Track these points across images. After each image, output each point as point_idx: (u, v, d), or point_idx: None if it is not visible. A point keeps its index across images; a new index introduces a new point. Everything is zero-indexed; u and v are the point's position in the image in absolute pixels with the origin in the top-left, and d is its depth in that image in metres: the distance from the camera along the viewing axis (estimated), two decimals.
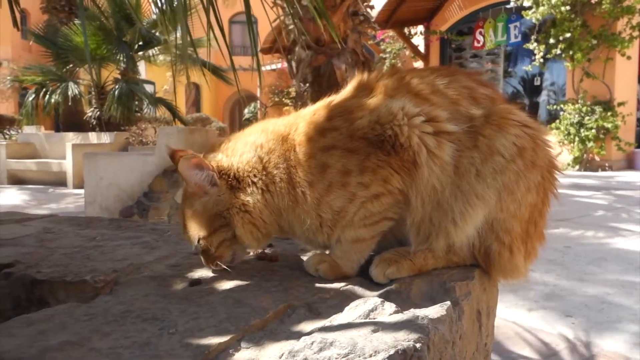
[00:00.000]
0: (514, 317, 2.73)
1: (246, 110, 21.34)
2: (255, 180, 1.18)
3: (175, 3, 1.75)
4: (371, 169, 1.13)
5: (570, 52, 10.79)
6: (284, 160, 1.18)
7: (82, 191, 6.36)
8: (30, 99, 12.22)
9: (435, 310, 0.92)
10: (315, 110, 1.25)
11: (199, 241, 1.21)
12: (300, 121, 1.23)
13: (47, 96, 11.75)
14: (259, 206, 1.17)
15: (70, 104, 11.62)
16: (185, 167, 1.17)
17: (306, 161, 1.16)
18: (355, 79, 1.29)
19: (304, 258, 1.31)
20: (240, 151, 1.23)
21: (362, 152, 1.13)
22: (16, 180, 10.19)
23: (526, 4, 10.83)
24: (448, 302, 0.98)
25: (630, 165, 11.60)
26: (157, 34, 11.70)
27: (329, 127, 1.17)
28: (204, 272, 1.26)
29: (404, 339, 0.81)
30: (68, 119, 12.61)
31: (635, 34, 10.59)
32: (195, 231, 1.21)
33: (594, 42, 10.64)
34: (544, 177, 1.17)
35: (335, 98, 1.28)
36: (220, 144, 1.30)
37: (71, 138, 10.49)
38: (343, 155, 1.14)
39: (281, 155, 1.19)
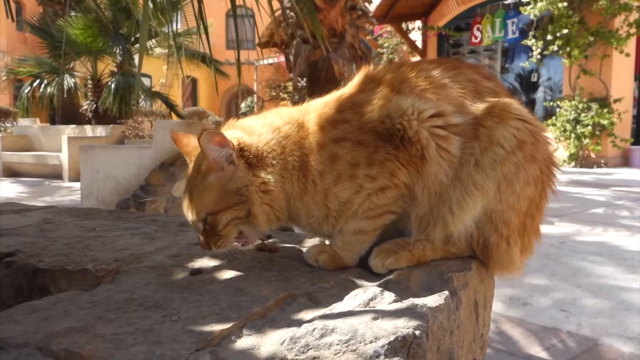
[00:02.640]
0: (509, 310, 2.76)
1: (243, 104, 21.32)
2: (273, 162, 1.18)
3: None
4: (379, 161, 1.14)
5: (568, 49, 10.82)
6: (299, 147, 1.18)
7: (77, 184, 6.35)
8: (26, 91, 12.17)
9: (434, 300, 0.94)
10: (326, 102, 1.26)
11: (206, 217, 1.18)
12: (312, 111, 1.24)
13: (43, 88, 11.71)
14: (278, 187, 1.17)
15: (66, 96, 11.58)
16: (207, 140, 1.13)
17: (318, 151, 1.16)
18: (362, 72, 1.30)
19: (304, 249, 1.33)
20: (259, 131, 1.22)
21: (372, 145, 1.14)
22: (11, 172, 10.16)
23: None
24: (446, 292, 0.99)
25: (625, 162, 11.66)
26: (154, 25, 11.65)
27: (339, 119, 1.18)
28: (205, 262, 1.27)
29: (404, 326, 0.82)
30: (64, 112, 12.56)
31: (632, 31, 10.63)
32: (205, 206, 1.18)
33: (591, 39, 10.67)
34: (543, 172, 1.19)
35: (344, 91, 1.29)
36: (237, 122, 1.29)
37: (67, 131, 10.46)
38: (353, 147, 1.15)
39: (296, 142, 1.19)
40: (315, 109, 1.24)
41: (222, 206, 1.16)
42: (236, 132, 1.23)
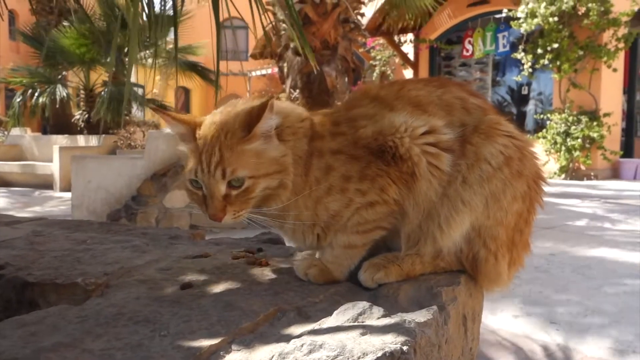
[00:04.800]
0: (499, 323, 2.77)
1: None
2: (289, 138, 1.18)
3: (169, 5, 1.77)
4: (370, 177, 1.15)
5: (558, 63, 10.94)
6: (308, 142, 1.19)
7: (68, 194, 6.32)
8: (18, 100, 12.12)
9: (422, 315, 0.95)
10: (328, 114, 1.29)
11: (241, 180, 1.11)
12: (319, 117, 1.26)
13: (35, 98, 11.67)
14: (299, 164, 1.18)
15: (58, 106, 11.55)
16: (270, 108, 1.11)
17: (318, 157, 1.18)
18: (359, 88, 1.34)
19: (294, 263, 1.33)
20: (278, 110, 1.18)
21: (364, 160, 1.16)
22: (2, 182, 10.09)
23: (520, 15, 10.96)
24: (435, 307, 1.00)
25: (615, 174, 11.75)
26: (148, 37, 11.66)
27: (336, 132, 1.21)
28: (195, 276, 1.27)
29: (392, 342, 0.83)
30: (56, 122, 12.52)
31: (621, 45, 10.77)
32: (246, 167, 1.11)
33: (581, 53, 10.80)
34: (530, 187, 1.20)
35: (342, 106, 1.34)
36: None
37: (59, 141, 10.41)
38: (347, 160, 1.17)
39: (306, 136, 1.20)
40: (318, 119, 1.26)
41: (262, 172, 1.12)
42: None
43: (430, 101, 1.22)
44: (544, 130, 11.62)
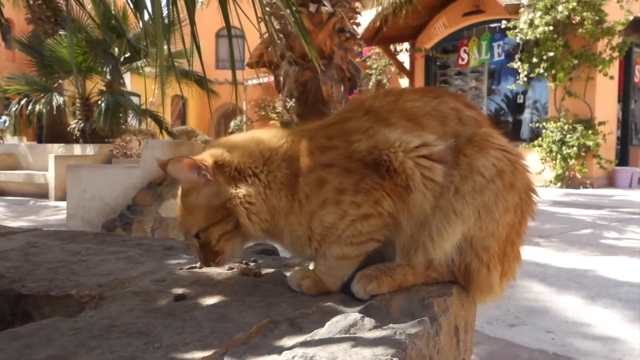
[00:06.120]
0: (495, 332, 2.77)
1: (232, 124, 21.36)
2: (257, 171, 1.21)
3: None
4: (365, 190, 1.16)
5: (553, 71, 11.02)
6: (288, 166, 1.21)
7: (64, 203, 6.31)
8: (14, 109, 12.12)
9: (413, 326, 0.95)
10: (317, 128, 1.30)
11: (198, 235, 1.22)
12: (303, 134, 1.27)
13: (31, 107, 11.67)
14: (261, 198, 1.20)
15: (54, 114, 11.55)
16: (176, 168, 1.19)
17: (307, 174, 1.19)
18: (352, 100, 1.35)
19: (288, 274, 1.34)
20: (241, 146, 1.26)
21: (359, 173, 1.17)
22: None
23: (523, 26, 11.02)
24: (426, 318, 1.01)
25: (610, 182, 11.82)
26: (144, 45, 11.69)
27: (329, 146, 1.21)
28: (189, 287, 1.28)
29: (382, 354, 0.83)
30: (51, 130, 12.53)
31: (615, 54, 10.86)
32: (194, 224, 1.22)
33: (575, 61, 10.88)
34: (522, 199, 1.22)
35: (334, 118, 1.35)
36: (221, 140, 1.34)
37: (55, 149, 10.40)
38: (341, 173, 1.18)
39: (285, 159, 1.22)
40: (306, 133, 1.28)
41: (210, 222, 1.20)
42: (217, 150, 1.27)
43: (425, 112, 1.24)
44: (540, 139, 11.68)
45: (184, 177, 1.20)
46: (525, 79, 11.46)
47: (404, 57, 15.28)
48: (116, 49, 11.74)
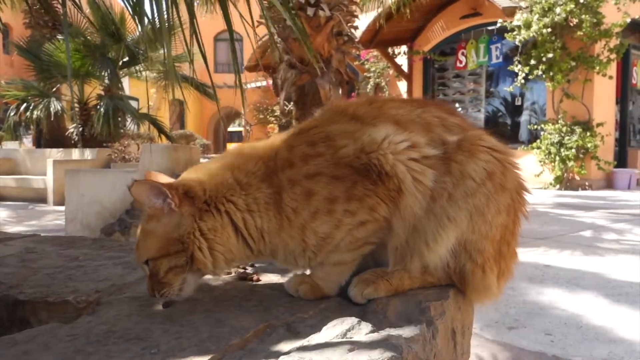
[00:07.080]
0: (494, 335, 2.77)
1: (231, 127, 21.37)
2: (233, 199, 1.16)
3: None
4: (358, 197, 1.15)
5: (551, 73, 11.04)
6: (268, 184, 1.17)
7: (62, 208, 6.30)
8: (12, 114, 12.11)
9: (410, 330, 0.96)
10: (294, 135, 1.26)
11: (147, 262, 1.16)
12: (279, 146, 1.23)
13: (30, 111, 11.65)
14: (227, 231, 1.15)
15: (52, 119, 11.55)
16: (139, 191, 1.12)
17: (290, 187, 1.16)
18: (329, 105, 1.32)
19: (285, 278, 1.34)
20: (215, 173, 1.21)
21: (349, 179, 1.15)
22: None
23: (517, 23, 11.04)
24: (422, 322, 1.01)
25: (609, 184, 11.82)
26: (142, 49, 11.70)
27: (312, 154, 1.18)
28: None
29: (379, 358, 0.84)
30: (50, 135, 12.52)
31: (613, 56, 10.89)
32: (146, 251, 1.16)
33: (573, 63, 10.90)
34: (514, 199, 1.22)
35: (310, 124, 1.29)
36: (197, 166, 1.30)
37: (53, 154, 10.40)
38: (329, 182, 1.15)
39: (264, 179, 1.18)
40: (282, 144, 1.23)
41: (162, 253, 1.14)
42: (191, 176, 1.22)
43: (410, 119, 1.23)
44: (538, 141, 11.70)
45: (147, 202, 1.14)
46: (522, 81, 11.48)
47: (402, 60, 15.30)
48: (114, 53, 11.74)
